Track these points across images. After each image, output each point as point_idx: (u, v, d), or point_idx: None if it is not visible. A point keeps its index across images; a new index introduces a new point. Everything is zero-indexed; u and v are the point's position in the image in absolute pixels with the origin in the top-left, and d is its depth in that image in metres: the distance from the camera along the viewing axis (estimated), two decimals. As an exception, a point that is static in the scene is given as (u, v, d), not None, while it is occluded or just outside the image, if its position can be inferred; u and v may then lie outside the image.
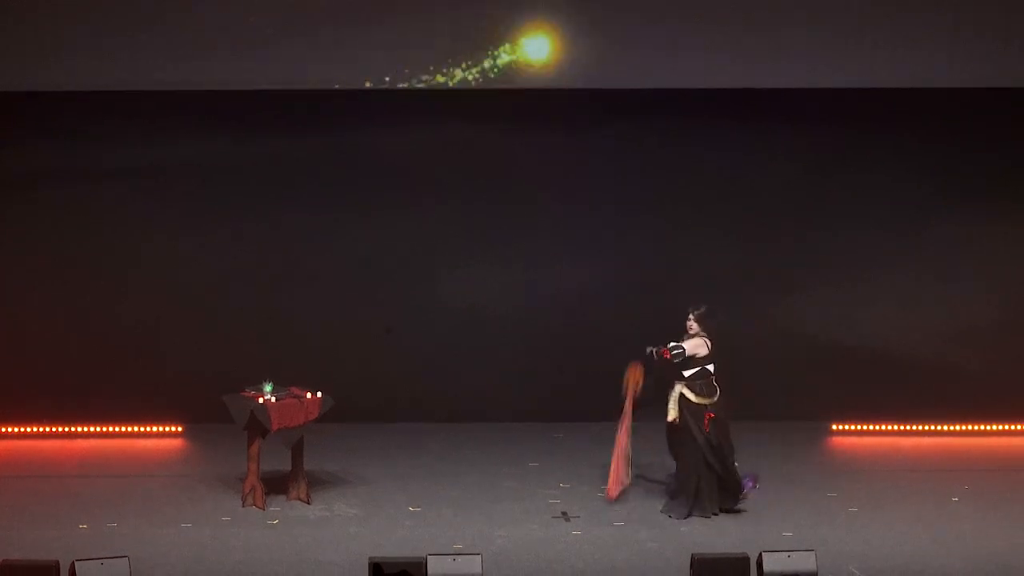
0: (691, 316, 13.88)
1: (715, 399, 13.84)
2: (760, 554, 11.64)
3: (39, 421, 16.14)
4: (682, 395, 13.82)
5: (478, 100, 15.85)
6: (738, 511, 13.90)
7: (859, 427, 16.42)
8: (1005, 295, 16.58)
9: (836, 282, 16.55)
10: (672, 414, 13.81)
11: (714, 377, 13.87)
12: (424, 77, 15.45)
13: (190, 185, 16.30)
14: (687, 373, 13.82)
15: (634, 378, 13.81)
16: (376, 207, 16.43)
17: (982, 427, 16.36)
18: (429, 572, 11.40)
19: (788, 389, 16.47)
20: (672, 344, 13.75)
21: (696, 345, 13.81)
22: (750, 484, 14.11)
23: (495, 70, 15.31)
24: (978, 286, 16.54)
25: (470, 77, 15.39)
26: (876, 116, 16.24)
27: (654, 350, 13.71)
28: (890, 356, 16.49)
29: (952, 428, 16.36)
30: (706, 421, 13.77)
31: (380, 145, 16.29)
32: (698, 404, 13.81)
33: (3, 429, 16.11)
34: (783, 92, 15.88)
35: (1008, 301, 16.57)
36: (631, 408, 13.82)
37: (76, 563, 11.27)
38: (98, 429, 16.19)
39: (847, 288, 16.55)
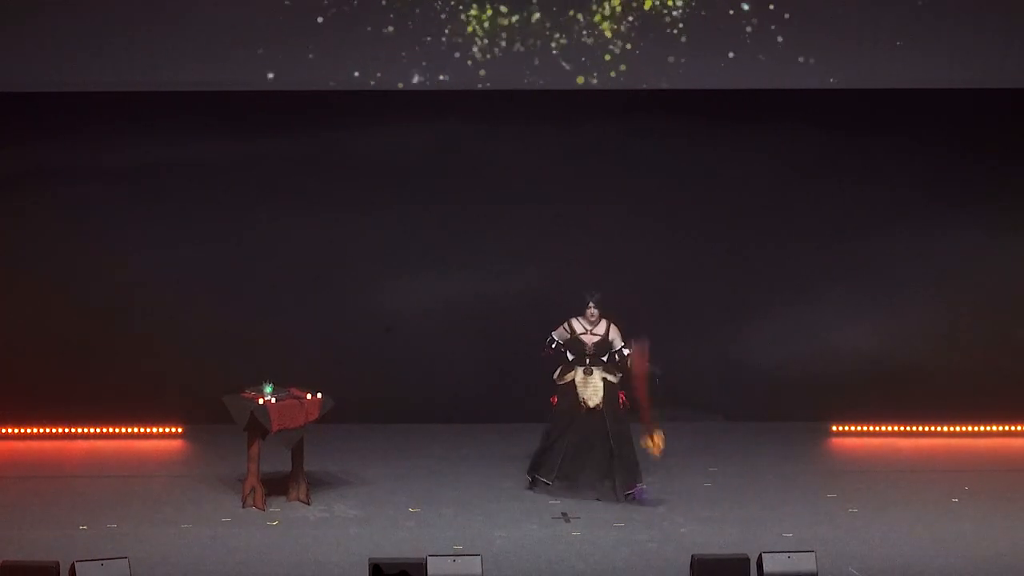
0: (591, 304, 14.21)
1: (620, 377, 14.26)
2: (760, 555, 11.66)
3: (39, 422, 16.13)
4: (606, 380, 14.12)
5: (471, 101, 15.86)
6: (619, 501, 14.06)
7: (859, 428, 16.41)
8: (1006, 296, 16.57)
9: (835, 283, 16.54)
10: (595, 400, 14.08)
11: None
12: (423, 80, 15.48)
13: (189, 186, 16.29)
14: (604, 358, 14.19)
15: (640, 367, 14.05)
16: (376, 206, 16.42)
17: (982, 428, 16.35)
18: (429, 573, 11.42)
19: (788, 390, 16.46)
20: (624, 348, 14.14)
21: (617, 333, 14.22)
22: (640, 492, 14.17)
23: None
24: (979, 287, 16.52)
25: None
26: (873, 117, 16.25)
27: (626, 352, 14.11)
28: (890, 357, 16.48)
29: (952, 429, 16.35)
30: (622, 400, 14.13)
31: (379, 145, 16.28)
32: (616, 384, 14.17)
33: (4, 430, 16.10)
34: (767, 93, 15.91)
35: (1008, 302, 16.56)
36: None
37: (76, 564, 11.29)
38: (98, 430, 16.17)
39: (847, 289, 16.54)
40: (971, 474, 15.09)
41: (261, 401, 13.86)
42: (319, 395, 14.09)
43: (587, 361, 14.17)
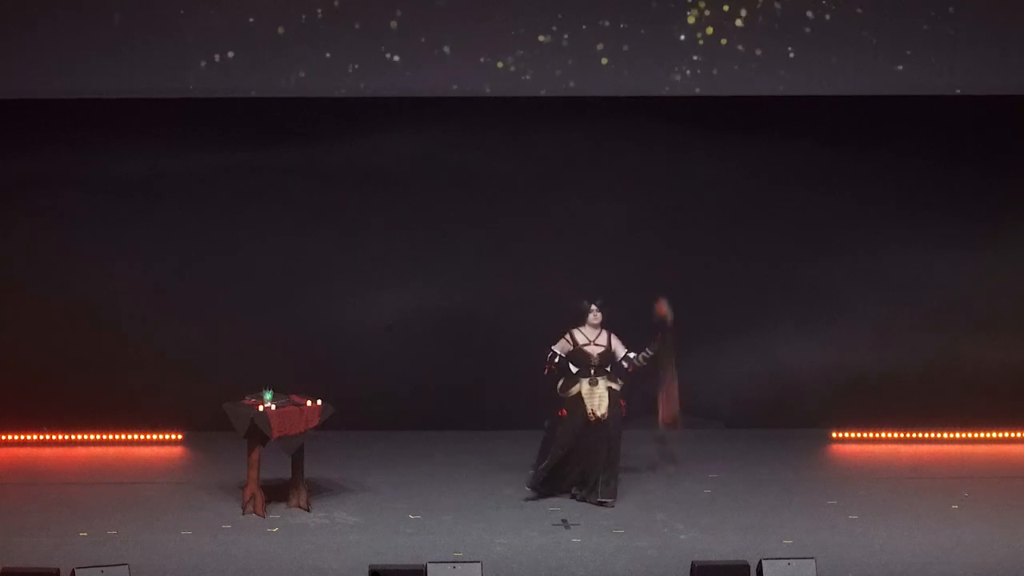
0: (594, 309, 14.43)
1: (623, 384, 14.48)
2: (760, 561, 11.65)
3: (39, 428, 16.13)
4: (610, 388, 14.27)
5: (459, 109, 15.87)
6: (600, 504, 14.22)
7: (859, 434, 16.40)
8: (1007, 298, 16.58)
9: (838, 288, 16.55)
10: (603, 409, 14.18)
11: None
12: (412, 88, 15.48)
13: (186, 193, 16.28)
14: (608, 368, 14.36)
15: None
16: (374, 212, 16.43)
17: (982, 434, 16.34)
18: (429, 580, 11.42)
19: (788, 396, 16.46)
20: (633, 356, 14.34)
21: (619, 342, 14.42)
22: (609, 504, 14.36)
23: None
24: (978, 293, 16.53)
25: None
26: (863, 125, 16.27)
27: (637, 357, 14.33)
28: (890, 363, 16.48)
29: (952, 435, 16.34)
30: (623, 405, 14.31)
31: (372, 152, 16.28)
32: (619, 392, 14.32)
33: (3, 436, 16.10)
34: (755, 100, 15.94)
35: (1009, 305, 16.57)
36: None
37: (76, 571, 11.27)
38: (98, 436, 16.17)
39: (848, 295, 16.55)
40: (971, 481, 15.09)
41: (261, 408, 13.87)
42: (319, 402, 14.09)
43: (591, 372, 14.24)
